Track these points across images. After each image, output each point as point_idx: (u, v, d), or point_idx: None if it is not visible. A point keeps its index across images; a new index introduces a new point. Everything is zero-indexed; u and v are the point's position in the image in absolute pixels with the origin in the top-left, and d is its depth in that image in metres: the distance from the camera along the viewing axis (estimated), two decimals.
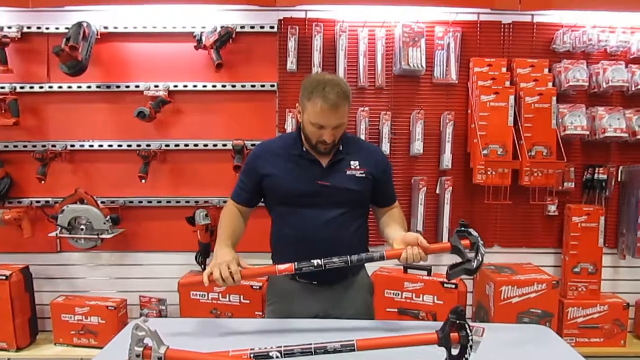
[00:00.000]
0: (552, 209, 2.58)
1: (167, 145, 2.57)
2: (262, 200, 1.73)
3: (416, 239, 1.43)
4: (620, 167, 2.60)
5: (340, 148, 1.64)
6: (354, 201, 1.65)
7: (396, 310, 2.42)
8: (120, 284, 2.64)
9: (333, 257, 1.42)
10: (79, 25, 2.31)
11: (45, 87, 2.53)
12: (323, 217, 1.60)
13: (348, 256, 1.43)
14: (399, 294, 2.42)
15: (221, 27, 2.42)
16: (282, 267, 1.44)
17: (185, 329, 1.54)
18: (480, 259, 1.40)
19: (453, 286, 2.34)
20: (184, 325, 1.59)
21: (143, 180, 2.46)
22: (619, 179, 2.60)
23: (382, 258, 1.44)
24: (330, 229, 1.60)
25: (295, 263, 1.43)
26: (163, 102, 2.49)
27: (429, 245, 1.43)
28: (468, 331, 1.20)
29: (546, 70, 2.51)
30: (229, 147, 2.52)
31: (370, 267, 2.22)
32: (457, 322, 1.21)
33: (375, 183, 1.67)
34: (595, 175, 2.54)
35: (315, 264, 1.42)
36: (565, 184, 2.57)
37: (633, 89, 2.45)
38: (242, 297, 2.44)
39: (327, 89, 1.49)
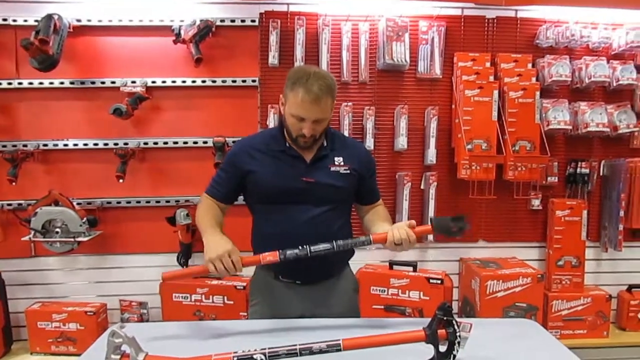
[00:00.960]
0: (536, 203, 2.59)
1: (145, 144, 2.48)
2: (243, 198, 1.68)
3: (404, 224, 1.43)
4: (602, 162, 2.62)
5: (325, 144, 1.61)
6: (339, 198, 1.62)
7: (382, 307, 2.40)
8: (100, 288, 2.55)
9: (318, 244, 1.41)
10: (49, 17, 2.20)
11: (15, 84, 2.40)
12: (308, 215, 1.56)
13: (334, 241, 1.42)
14: (385, 291, 2.40)
15: (200, 21, 2.35)
16: (266, 254, 1.42)
17: (166, 333, 1.48)
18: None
19: (439, 282, 2.34)
20: (165, 329, 1.54)
21: (121, 180, 2.37)
22: (601, 173, 2.63)
23: (368, 242, 1.42)
24: (315, 226, 1.56)
25: (279, 251, 1.41)
26: (141, 99, 2.40)
27: (417, 228, 1.44)
28: (455, 327, 1.19)
29: (530, 66, 2.51)
30: (210, 144, 2.45)
31: (355, 265, 2.19)
32: (445, 318, 1.20)
33: (360, 179, 1.64)
34: (578, 170, 2.56)
35: (299, 249, 1.40)
36: (549, 178, 2.58)
37: (614, 84, 2.47)
38: (225, 297, 2.39)
39: (310, 81, 1.46)
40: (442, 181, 2.54)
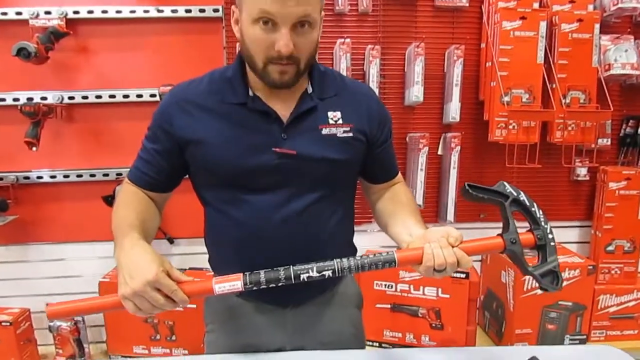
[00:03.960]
0: (582, 172, 2.04)
1: (71, 98, 1.84)
2: (190, 179, 1.08)
3: (446, 235, 0.86)
4: None
5: (310, 90, 1.00)
6: (336, 178, 1.02)
7: (389, 306, 1.89)
8: (22, 287, 1.97)
9: (308, 263, 0.86)
10: None
11: None
12: (286, 208, 0.98)
13: (335, 261, 0.86)
14: (392, 286, 1.88)
15: None
16: (221, 284, 0.84)
17: None
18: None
19: (463, 275, 1.80)
20: None
21: (34, 148, 1.74)
22: None
23: (391, 263, 0.86)
24: (298, 225, 0.99)
25: (244, 275, 0.85)
26: (56, 35, 1.73)
27: (470, 243, 0.87)
28: None
29: None
30: (159, 97, 1.82)
31: None
32: None
33: (369, 147, 1.05)
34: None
35: (278, 274, 0.85)
36: (599, 140, 2.01)
37: None
38: None
39: None
40: (468, 145, 1.96)
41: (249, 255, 1.00)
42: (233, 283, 0.84)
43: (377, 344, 1.90)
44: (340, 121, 1.00)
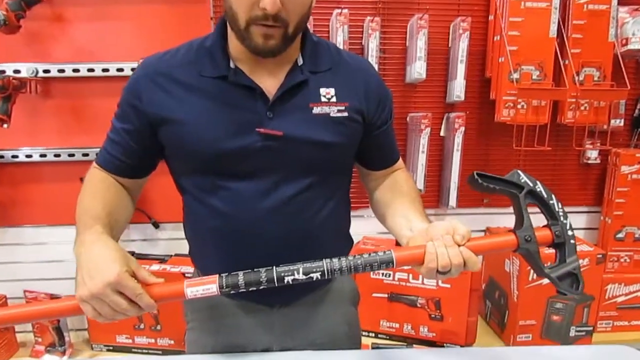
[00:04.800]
0: (593, 155, 1.93)
1: (46, 71, 1.71)
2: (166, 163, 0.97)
3: (451, 231, 0.76)
4: None
5: (300, 62, 0.88)
6: (328, 163, 0.91)
7: (386, 295, 1.80)
8: None
9: (294, 264, 0.75)
10: None
11: None
12: (273, 196, 0.87)
13: (324, 262, 0.75)
14: (389, 275, 1.78)
15: None
16: (194, 288, 0.74)
17: None
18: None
19: None
20: None
21: (5, 125, 1.61)
22: None
23: (389, 263, 0.76)
24: (286, 215, 0.88)
25: (220, 277, 0.75)
26: (28, 1, 1.59)
27: (479, 241, 0.77)
28: None
29: None
30: None
31: None
32: None
33: (366, 128, 0.93)
34: None
35: (259, 275, 0.74)
36: (612, 121, 1.89)
37: None
38: None
39: None
40: (473, 125, 1.84)
41: (231, 249, 0.90)
42: (207, 286, 0.74)
43: (374, 335, 1.81)
44: (334, 99, 0.88)
